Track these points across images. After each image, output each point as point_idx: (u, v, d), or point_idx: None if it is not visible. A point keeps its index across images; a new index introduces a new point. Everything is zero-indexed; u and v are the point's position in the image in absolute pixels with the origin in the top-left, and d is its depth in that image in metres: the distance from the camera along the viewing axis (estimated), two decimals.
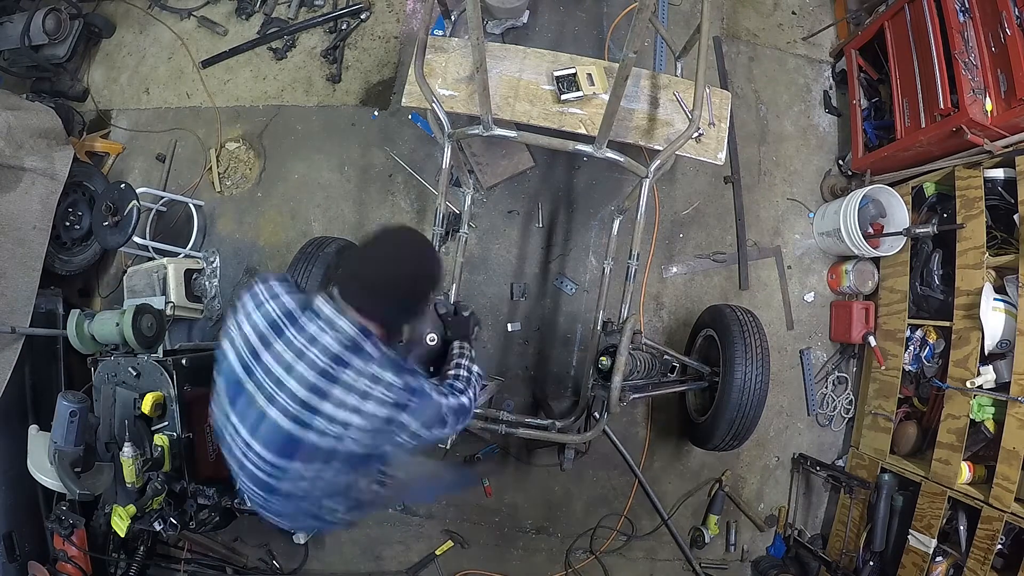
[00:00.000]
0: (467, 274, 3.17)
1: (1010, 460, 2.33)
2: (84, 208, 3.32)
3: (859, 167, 3.19)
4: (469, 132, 2.30)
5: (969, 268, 2.61)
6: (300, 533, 3.03)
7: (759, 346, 2.42)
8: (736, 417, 2.41)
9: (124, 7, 3.80)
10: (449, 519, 3.24)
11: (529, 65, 2.50)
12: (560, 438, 2.42)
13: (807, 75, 3.50)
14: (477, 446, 3.19)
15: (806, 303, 3.32)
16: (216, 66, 3.61)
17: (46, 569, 2.77)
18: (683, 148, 2.32)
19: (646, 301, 3.23)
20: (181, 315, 3.15)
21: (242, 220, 3.41)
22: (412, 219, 3.31)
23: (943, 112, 2.60)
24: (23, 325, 2.83)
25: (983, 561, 2.37)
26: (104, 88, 3.75)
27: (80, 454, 2.27)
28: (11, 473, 2.75)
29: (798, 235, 3.35)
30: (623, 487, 3.21)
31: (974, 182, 2.62)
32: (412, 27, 3.46)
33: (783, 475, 3.29)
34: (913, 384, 2.95)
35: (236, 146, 3.50)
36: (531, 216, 3.27)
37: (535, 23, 3.37)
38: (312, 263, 2.53)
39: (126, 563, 2.98)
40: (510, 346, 3.22)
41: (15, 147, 2.87)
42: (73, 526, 2.58)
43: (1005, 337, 2.47)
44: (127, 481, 2.31)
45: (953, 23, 2.57)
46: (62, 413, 2.20)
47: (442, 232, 2.40)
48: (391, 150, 3.34)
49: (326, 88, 3.48)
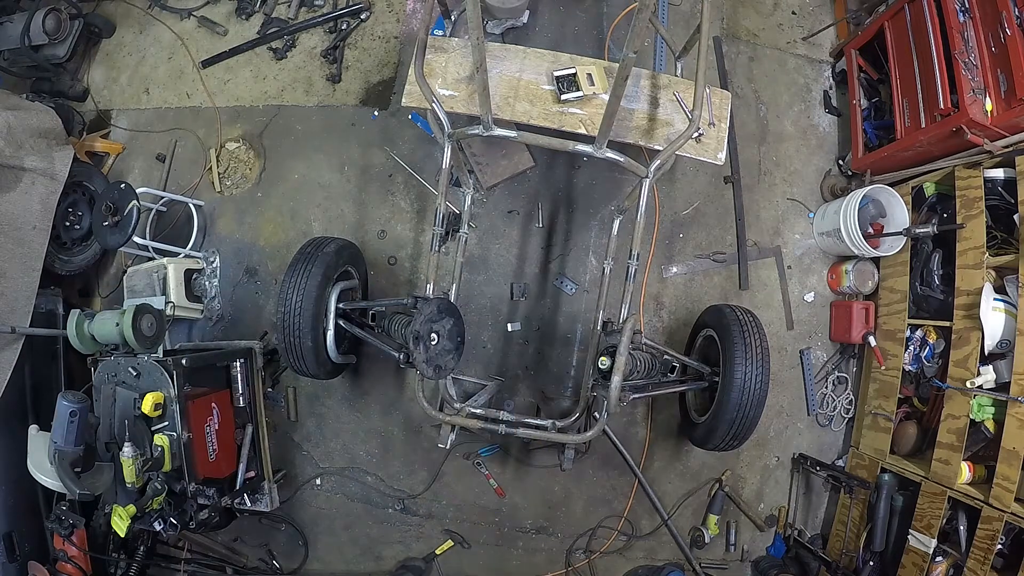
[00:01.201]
0: (467, 274, 3.17)
1: (1010, 460, 2.33)
2: (84, 208, 3.32)
3: (859, 167, 3.19)
4: (469, 132, 2.30)
5: (969, 268, 2.61)
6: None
7: (759, 346, 2.42)
8: (736, 417, 2.41)
9: (124, 7, 3.80)
10: (449, 519, 3.24)
11: (529, 65, 2.50)
12: (560, 438, 2.42)
13: (807, 75, 3.50)
14: (477, 446, 3.19)
15: (806, 303, 3.32)
16: (216, 66, 3.62)
17: (46, 569, 2.77)
18: (683, 148, 2.32)
19: (646, 301, 3.23)
20: (181, 315, 3.16)
21: (242, 220, 3.41)
22: (412, 219, 3.31)
23: (943, 112, 2.60)
24: (23, 325, 2.83)
25: (983, 561, 2.37)
26: (104, 88, 3.75)
27: (80, 454, 2.26)
28: (11, 473, 2.75)
29: (798, 235, 3.35)
30: (623, 487, 3.21)
31: (974, 182, 2.62)
32: (412, 27, 3.46)
33: (783, 475, 3.29)
34: (913, 384, 2.95)
35: (236, 146, 3.50)
36: (531, 216, 3.27)
37: (535, 23, 3.37)
38: (312, 263, 2.53)
39: (126, 563, 2.98)
40: (510, 346, 3.22)
41: (15, 147, 2.87)
42: (73, 526, 2.57)
43: (1005, 337, 2.48)
44: (127, 481, 2.31)
45: (953, 23, 2.57)
46: (62, 413, 2.20)
47: (442, 232, 2.40)
48: (391, 150, 3.35)
49: (326, 88, 3.48)
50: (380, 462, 3.26)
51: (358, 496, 3.27)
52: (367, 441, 3.26)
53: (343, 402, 3.26)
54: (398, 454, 3.25)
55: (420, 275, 3.25)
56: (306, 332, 2.50)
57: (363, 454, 3.26)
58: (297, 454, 3.29)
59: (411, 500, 3.24)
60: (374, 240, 3.30)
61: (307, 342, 2.52)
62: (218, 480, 2.61)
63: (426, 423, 3.20)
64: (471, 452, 3.20)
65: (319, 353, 2.60)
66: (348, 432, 3.27)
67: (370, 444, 3.26)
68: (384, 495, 3.25)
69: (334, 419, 3.27)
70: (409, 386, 3.22)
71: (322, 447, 3.28)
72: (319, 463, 3.28)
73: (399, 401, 3.24)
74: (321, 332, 2.59)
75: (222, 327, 3.33)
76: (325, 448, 3.28)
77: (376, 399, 3.25)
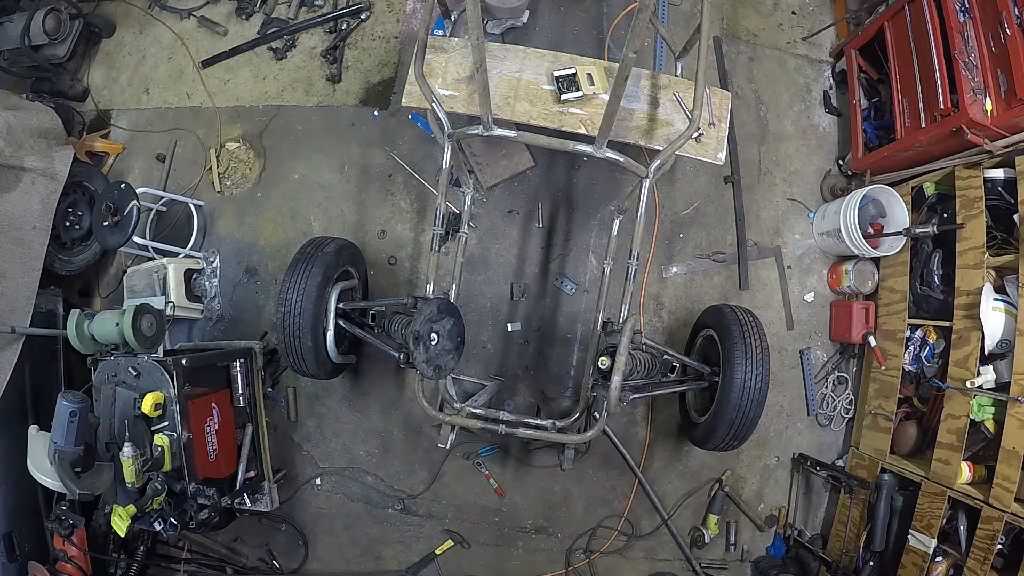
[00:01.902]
0: (467, 274, 3.17)
1: (1010, 460, 2.33)
2: (84, 208, 3.32)
3: (859, 167, 3.19)
4: (469, 132, 2.30)
5: (969, 268, 2.61)
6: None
7: (759, 346, 2.42)
8: (736, 417, 2.41)
9: (124, 7, 3.80)
10: (449, 519, 3.24)
11: (529, 65, 2.50)
12: (560, 438, 2.42)
13: (807, 75, 3.50)
14: (477, 446, 3.19)
15: (806, 303, 3.32)
16: (216, 66, 3.62)
17: (46, 569, 2.77)
18: (683, 148, 2.32)
19: (646, 301, 3.23)
20: (181, 315, 3.16)
21: (242, 220, 3.41)
22: (412, 219, 3.31)
23: (943, 112, 2.60)
24: (23, 325, 2.83)
25: (983, 561, 2.37)
26: (104, 88, 3.75)
27: (80, 454, 2.26)
28: (11, 473, 2.75)
29: (798, 235, 3.35)
30: (623, 487, 3.21)
31: (974, 182, 2.62)
32: (412, 27, 3.46)
33: (783, 475, 3.29)
34: (913, 384, 2.95)
35: (236, 146, 3.50)
36: (531, 216, 3.27)
37: (535, 23, 3.37)
38: (312, 263, 2.53)
39: (126, 563, 2.98)
40: (510, 346, 3.22)
41: (15, 147, 2.87)
42: (73, 526, 2.57)
43: (1005, 337, 2.47)
44: (127, 481, 2.31)
45: (953, 23, 2.56)
46: (62, 413, 2.20)
47: (442, 232, 2.40)
48: (391, 150, 3.34)
49: (326, 88, 3.48)
50: (380, 462, 3.26)
51: (358, 496, 3.27)
52: (367, 441, 3.26)
53: (343, 402, 3.26)
54: (398, 454, 3.25)
55: (420, 275, 3.25)
56: (306, 332, 2.50)
57: (363, 454, 3.27)
58: (297, 454, 3.29)
59: (411, 500, 3.24)
60: (374, 240, 3.30)
61: (307, 342, 2.52)
62: (218, 480, 2.61)
63: (426, 423, 3.20)
64: (471, 452, 3.20)
65: (319, 353, 2.60)
66: (348, 432, 3.27)
67: (370, 444, 3.26)
68: (384, 495, 3.25)
69: (334, 419, 3.27)
70: (409, 386, 3.22)
71: (322, 447, 3.28)
72: (319, 463, 3.28)
73: (399, 401, 3.24)
74: (321, 332, 2.59)
75: (222, 327, 3.33)
76: (325, 448, 3.28)
77: (376, 399, 3.25)
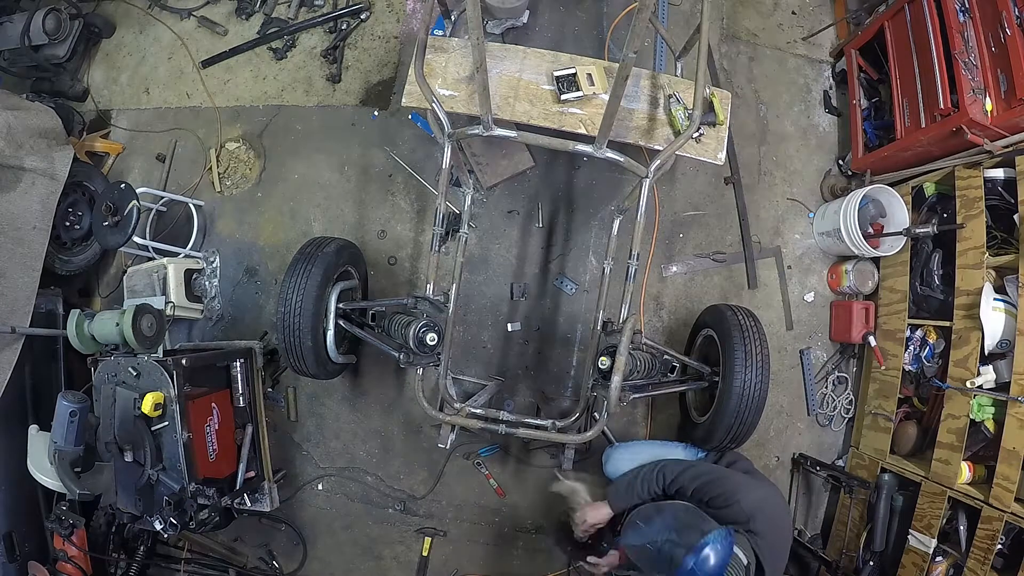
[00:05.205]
0: (467, 274, 3.17)
1: (1010, 460, 2.33)
2: (84, 208, 3.32)
3: (859, 167, 3.19)
4: (469, 132, 2.30)
5: (969, 268, 2.61)
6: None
7: (759, 353, 2.40)
8: (735, 423, 2.41)
9: (124, 7, 3.80)
10: (449, 519, 3.24)
11: (529, 65, 2.50)
12: (560, 438, 2.42)
13: (807, 75, 3.50)
14: (477, 446, 3.19)
15: (806, 303, 3.32)
16: (216, 66, 3.62)
17: (46, 569, 2.77)
18: (683, 148, 2.32)
19: (646, 301, 3.23)
20: (181, 315, 3.16)
21: (242, 220, 3.41)
22: (412, 219, 3.31)
23: (943, 112, 2.60)
24: (23, 325, 2.82)
25: (983, 561, 2.37)
26: (104, 88, 3.75)
27: (80, 454, 2.27)
28: (11, 473, 2.75)
29: (798, 235, 3.35)
30: None
31: (974, 182, 2.62)
32: (412, 27, 3.46)
33: (783, 475, 3.29)
34: (913, 384, 2.95)
35: (236, 146, 3.50)
36: (531, 216, 3.27)
37: (535, 23, 3.37)
38: (312, 263, 2.53)
39: (126, 563, 2.98)
40: (510, 346, 3.22)
41: (15, 147, 2.87)
42: (73, 526, 2.58)
43: (1005, 337, 2.47)
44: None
45: (953, 23, 2.56)
46: (62, 413, 2.20)
47: (442, 232, 2.40)
48: (391, 150, 3.34)
49: (326, 88, 3.48)
50: (380, 462, 3.26)
51: (358, 496, 3.27)
52: (367, 441, 3.26)
53: (343, 402, 3.26)
54: (398, 454, 3.25)
55: (420, 275, 3.25)
56: (306, 332, 2.49)
57: (363, 454, 3.26)
58: (297, 454, 3.29)
59: (411, 500, 3.24)
60: (374, 240, 3.30)
61: (307, 342, 2.52)
62: (218, 480, 2.61)
63: (426, 423, 3.20)
64: (471, 452, 3.20)
65: (319, 353, 2.60)
66: (348, 432, 3.27)
67: (370, 444, 3.26)
68: (384, 495, 3.25)
69: (334, 419, 3.27)
70: (409, 386, 3.22)
71: (322, 447, 3.28)
72: (319, 463, 3.28)
73: (399, 401, 3.24)
74: (321, 332, 2.59)
75: (222, 327, 3.33)
76: (325, 448, 3.28)
77: (376, 399, 3.25)
